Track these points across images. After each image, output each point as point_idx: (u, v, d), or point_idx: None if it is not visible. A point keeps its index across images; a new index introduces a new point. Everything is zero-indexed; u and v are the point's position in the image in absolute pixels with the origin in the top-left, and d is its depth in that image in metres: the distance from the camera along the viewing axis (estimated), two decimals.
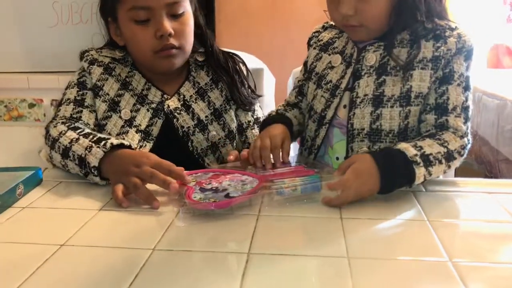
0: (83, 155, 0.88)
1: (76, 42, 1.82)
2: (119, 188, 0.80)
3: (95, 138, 0.90)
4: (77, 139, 0.91)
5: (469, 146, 0.88)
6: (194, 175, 0.88)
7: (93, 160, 0.86)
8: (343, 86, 0.94)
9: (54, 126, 0.97)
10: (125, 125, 1.03)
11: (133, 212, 0.78)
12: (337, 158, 0.97)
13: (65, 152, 0.91)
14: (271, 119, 1.02)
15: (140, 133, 1.03)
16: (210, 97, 1.10)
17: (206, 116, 1.09)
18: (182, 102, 1.07)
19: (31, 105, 1.88)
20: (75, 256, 0.64)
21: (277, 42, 2.07)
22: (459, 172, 1.38)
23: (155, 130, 1.04)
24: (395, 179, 0.80)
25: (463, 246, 0.67)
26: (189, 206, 0.75)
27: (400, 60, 0.89)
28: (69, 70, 1.79)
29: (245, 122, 1.14)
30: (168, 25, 1.00)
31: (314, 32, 1.07)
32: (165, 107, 1.06)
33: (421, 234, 0.69)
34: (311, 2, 2.00)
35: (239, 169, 0.91)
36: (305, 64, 1.07)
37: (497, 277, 0.59)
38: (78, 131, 0.94)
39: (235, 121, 1.12)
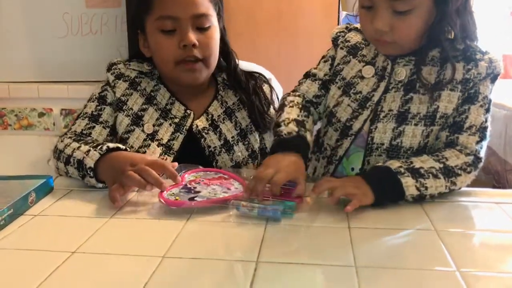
0: (81, 159, 0.91)
1: (86, 52, 1.85)
2: (115, 187, 0.83)
3: (95, 144, 0.93)
4: (79, 147, 0.94)
5: (480, 164, 0.87)
6: (194, 174, 0.92)
7: (89, 162, 0.89)
8: (375, 99, 0.93)
9: (62, 141, 1.01)
10: (147, 139, 1.05)
11: (143, 220, 0.79)
12: (352, 169, 0.97)
13: (68, 160, 0.94)
14: (286, 142, 0.89)
15: (162, 147, 1.04)
16: (237, 117, 1.10)
17: (233, 137, 1.09)
18: (210, 122, 1.08)
19: (41, 114, 1.90)
20: (86, 263, 0.65)
21: (284, 53, 2.09)
22: None
23: (176, 145, 1.05)
24: (384, 191, 0.81)
25: (470, 256, 0.67)
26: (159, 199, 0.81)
27: (428, 81, 0.88)
28: (78, 80, 1.82)
29: (269, 147, 1.11)
30: (193, 36, 1.00)
31: (339, 32, 1.02)
32: (193, 126, 1.06)
33: (428, 244, 0.70)
34: (317, 15, 2.02)
35: (240, 176, 0.92)
36: (330, 59, 1.01)
37: (505, 287, 0.59)
38: (82, 141, 0.97)
39: (259, 142, 1.12)
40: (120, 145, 0.92)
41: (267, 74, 1.44)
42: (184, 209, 0.80)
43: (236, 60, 1.13)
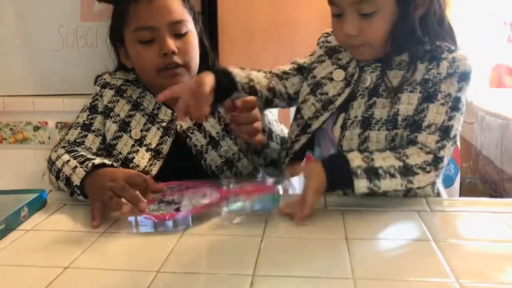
0: (69, 175, 0.91)
1: (81, 65, 1.85)
2: (96, 206, 0.82)
3: (82, 159, 0.92)
4: (68, 161, 0.94)
5: (441, 165, 0.85)
6: (169, 186, 0.91)
7: (76, 180, 0.89)
8: (337, 103, 0.94)
9: (55, 151, 1.01)
10: (136, 144, 1.05)
11: (137, 235, 0.78)
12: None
13: (58, 175, 0.95)
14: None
15: (151, 152, 1.05)
16: (220, 113, 1.11)
17: (218, 132, 1.10)
18: (194, 121, 1.09)
19: (36, 128, 1.89)
20: (79, 278, 0.64)
21: (280, 62, 2.09)
22: (464, 192, 1.37)
23: (165, 149, 1.06)
24: (336, 184, 0.83)
25: (469, 266, 0.66)
26: (139, 216, 0.78)
27: (391, 83, 0.89)
28: (74, 93, 1.82)
29: None
30: (172, 43, 1.03)
31: (324, 33, 1.06)
32: (178, 127, 1.07)
33: (427, 255, 0.69)
34: (313, 24, 2.03)
35: (213, 183, 0.91)
36: (310, 56, 1.04)
37: None
38: (73, 154, 0.97)
39: None
40: (106, 161, 0.92)
41: None
42: (180, 221, 0.79)
43: (214, 60, 1.15)
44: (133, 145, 1.05)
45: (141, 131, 1.06)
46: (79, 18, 1.87)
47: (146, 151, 1.05)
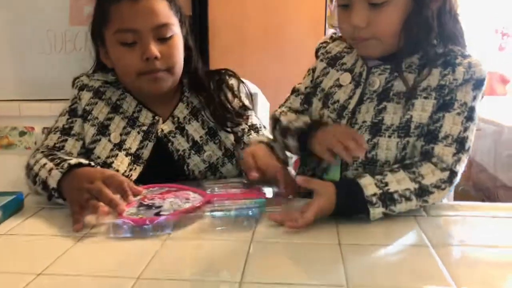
0: (45, 178, 0.87)
1: (69, 70, 1.80)
2: (75, 209, 0.78)
3: (58, 161, 0.87)
4: (45, 164, 0.89)
5: (456, 179, 0.82)
6: (150, 189, 0.86)
7: (52, 182, 0.85)
8: (351, 107, 0.89)
9: (34, 156, 0.96)
10: (115, 149, 1.01)
11: (117, 240, 0.73)
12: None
13: (34, 179, 0.90)
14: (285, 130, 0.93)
15: (130, 156, 1.00)
16: (203, 116, 1.07)
17: (201, 137, 1.05)
18: (176, 125, 1.04)
19: (22, 133, 1.84)
20: (51, 286, 0.59)
21: (272, 68, 2.07)
22: (457, 199, 1.34)
23: (146, 153, 1.01)
24: (349, 214, 0.78)
25: (470, 273, 0.62)
26: (117, 220, 0.74)
27: (407, 86, 0.84)
28: (61, 98, 1.77)
29: (239, 131, 1.08)
30: (155, 48, 0.97)
31: (322, 43, 1.00)
32: (158, 131, 1.03)
33: (425, 260, 0.65)
34: (304, 30, 2.01)
35: (197, 186, 0.88)
36: (311, 71, 1.00)
37: None
38: (51, 157, 0.92)
39: (231, 137, 1.08)
40: (83, 160, 0.87)
41: (254, 88, 1.41)
42: (161, 226, 0.75)
43: (197, 62, 1.09)
44: (112, 149, 1.00)
45: (121, 135, 1.01)
46: (68, 22, 1.84)
47: (126, 155, 1.00)
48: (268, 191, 0.87)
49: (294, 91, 1.02)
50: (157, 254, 0.67)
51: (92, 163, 0.89)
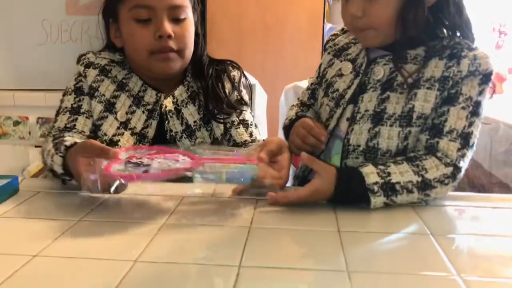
0: (52, 167, 0.86)
1: (65, 60, 1.79)
2: (82, 179, 0.75)
3: (57, 145, 0.86)
4: (49, 150, 0.89)
5: (460, 175, 0.82)
6: (138, 150, 0.84)
7: (58, 168, 0.84)
8: (347, 96, 0.90)
9: (46, 142, 0.95)
10: (121, 127, 1.01)
11: (115, 223, 0.72)
12: None
13: (47, 168, 0.90)
14: (292, 122, 0.97)
15: (136, 136, 1.01)
16: (201, 101, 1.06)
17: (195, 121, 1.05)
18: (174, 106, 1.05)
19: (16, 123, 1.82)
20: (47, 268, 0.58)
21: (269, 61, 2.07)
22: None
23: (151, 132, 1.02)
24: (348, 202, 0.78)
25: (470, 260, 0.62)
26: (102, 174, 0.72)
27: (408, 76, 0.84)
28: (56, 88, 1.75)
29: (229, 122, 1.08)
30: (169, 27, 0.98)
31: (332, 35, 1.02)
32: (163, 107, 1.03)
33: (424, 248, 0.65)
34: (302, 26, 2.01)
35: (187, 151, 0.85)
36: (320, 66, 1.03)
37: None
38: (56, 140, 0.90)
39: (221, 127, 1.07)
40: (77, 140, 0.87)
41: (252, 80, 1.41)
42: (160, 208, 0.74)
43: (203, 50, 1.10)
44: (118, 127, 1.01)
45: (126, 113, 1.02)
46: (64, 11, 1.82)
47: (131, 134, 1.01)
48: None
49: (307, 87, 1.06)
50: (155, 237, 0.66)
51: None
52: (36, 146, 1.85)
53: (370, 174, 0.78)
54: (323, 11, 2.03)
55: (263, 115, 1.47)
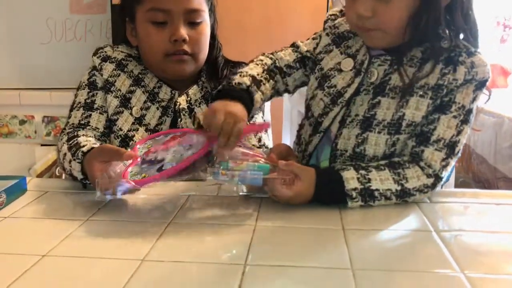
0: (71, 172, 0.87)
1: (69, 59, 1.81)
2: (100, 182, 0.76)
3: (74, 150, 0.87)
4: (65, 154, 0.90)
5: (440, 183, 0.81)
6: (156, 138, 0.85)
7: (78, 174, 0.85)
8: (347, 96, 0.86)
9: (61, 140, 0.96)
10: (135, 123, 1.02)
11: (122, 222, 0.73)
12: None
13: (66, 171, 0.91)
14: (232, 91, 0.84)
15: (150, 132, 1.02)
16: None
17: None
18: (188, 105, 1.05)
19: (22, 122, 1.84)
20: (57, 267, 0.59)
21: None
22: None
23: (165, 129, 1.03)
24: (327, 203, 0.79)
25: (473, 257, 0.62)
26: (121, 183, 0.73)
27: (407, 78, 0.81)
28: (61, 86, 1.77)
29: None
30: (184, 31, 0.99)
31: (331, 15, 0.95)
32: (177, 104, 1.04)
33: (428, 245, 0.65)
34: (305, 22, 2.01)
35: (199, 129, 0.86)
36: (318, 38, 0.94)
37: None
38: (70, 143, 0.91)
39: None
40: (93, 141, 0.88)
41: None
42: (166, 208, 0.75)
43: (218, 51, 1.10)
44: (133, 123, 1.02)
45: (141, 109, 1.03)
46: (68, 10, 1.83)
47: (146, 131, 1.02)
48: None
49: (294, 45, 0.97)
50: (161, 236, 0.67)
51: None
52: (42, 145, 1.87)
53: (350, 179, 0.77)
54: (326, 6, 2.03)
55: (266, 112, 1.47)
